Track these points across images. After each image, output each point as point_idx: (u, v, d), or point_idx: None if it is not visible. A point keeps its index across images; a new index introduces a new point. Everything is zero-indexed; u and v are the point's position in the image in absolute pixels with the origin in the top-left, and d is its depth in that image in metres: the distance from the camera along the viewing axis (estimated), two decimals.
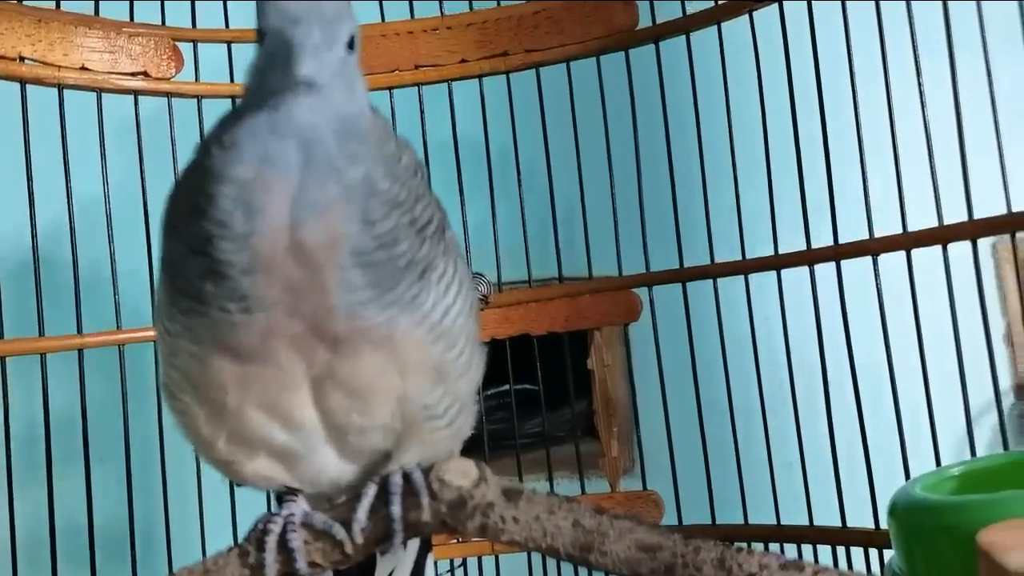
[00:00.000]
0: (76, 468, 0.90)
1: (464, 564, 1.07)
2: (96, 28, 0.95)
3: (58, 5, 0.95)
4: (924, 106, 0.89)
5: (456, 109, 1.07)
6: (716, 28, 1.00)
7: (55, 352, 0.90)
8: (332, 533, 0.53)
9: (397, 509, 0.53)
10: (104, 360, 0.93)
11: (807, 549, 0.95)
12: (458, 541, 1.01)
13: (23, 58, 0.90)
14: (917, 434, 0.88)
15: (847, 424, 0.93)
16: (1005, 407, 0.98)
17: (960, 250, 0.87)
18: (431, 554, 0.69)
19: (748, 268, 0.99)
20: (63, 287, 0.92)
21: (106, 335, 0.93)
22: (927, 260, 0.89)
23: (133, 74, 0.96)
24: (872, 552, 0.91)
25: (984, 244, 0.87)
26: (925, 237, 0.89)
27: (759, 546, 0.73)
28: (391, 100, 1.06)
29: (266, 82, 0.46)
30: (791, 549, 0.96)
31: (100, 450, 0.90)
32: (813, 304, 0.94)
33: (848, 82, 0.92)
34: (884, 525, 0.83)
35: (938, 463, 0.86)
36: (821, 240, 0.95)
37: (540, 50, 1.06)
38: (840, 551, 0.93)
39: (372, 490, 0.54)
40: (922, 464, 0.82)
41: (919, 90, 0.89)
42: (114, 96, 0.96)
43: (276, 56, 0.46)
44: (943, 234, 0.88)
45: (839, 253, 0.94)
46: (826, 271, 0.94)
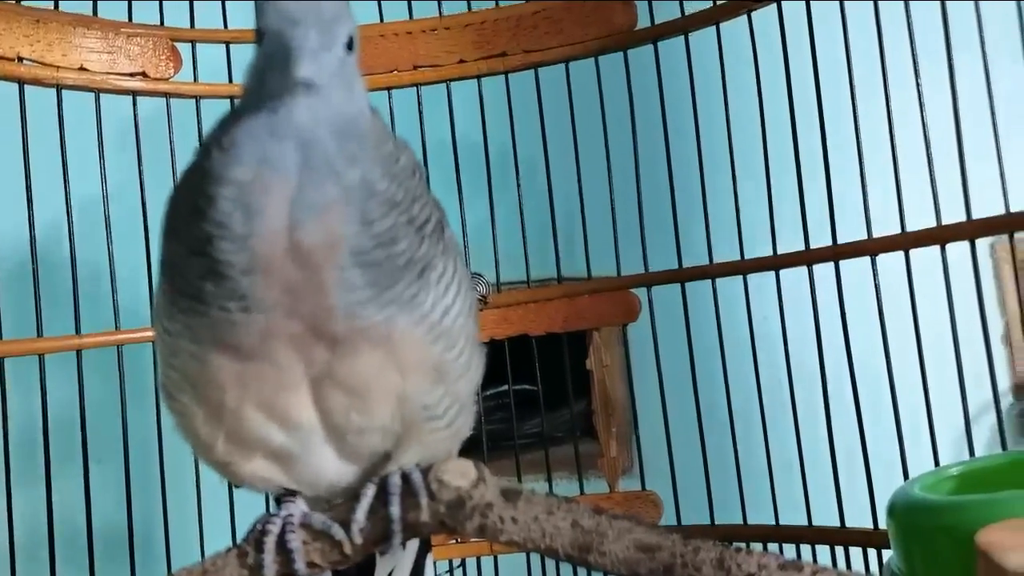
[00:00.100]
0: (75, 469, 0.90)
1: (463, 564, 1.07)
2: (94, 28, 0.95)
3: (56, 5, 0.94)
4: (922, 106, 0.89)
5: (455, 109, 1.07)
6: (715, 28, 1.00)
7: (53, 353, 0.90)
8: (331, 534, 0.53)
9: (396, 510, 0.53)
10: (102, 361, 0.93)
11: (806, 549, 0.95)
12: (457, 541, 1.01)
13: (21, 58, 0.90)
14: (916, 434, 0.88)
15: (846, 424, 0.93)
16: (1003, 407, 0.98)
17: (958, 250, 0.87)
18: (431, 554, 0.69)
19: (747, 268, 0.99)
20: (61, 288, 0.92)
21: (105, 336, 0.93)
22: (925, 260, 0.89)
23: (132, 74, 0.96)
24: (871, 552, 0.91)
25: (982, 244, 0.87)
26: (923, 237, 0.89)
27: (758, 546, 0.73)
28: (389, 100, 1.06)
29: (265, 83, 0.46)
30: (790, 549, 0.96)
31: (99, 451, 0.90)
32: (812, 304, 0.94)
33: (847, 82, 0.92)
34: (883, 525, 0.84)
35: (937, 463, 0.86)
36: (820, 240, 0.95)
37: (539, 50, 1.06)
38: (839, 551, 0.93)
39: (371, 491, 0.54)
40: (921, 464, 0.82)
41: (917, 90, 0.89)
42: (112, 96, 0.96)
43: (275, 57, 0.46)
44: (941, 234, 0.88)
45: (838, 253, 0.94)
46: (825, 271, 0.94)
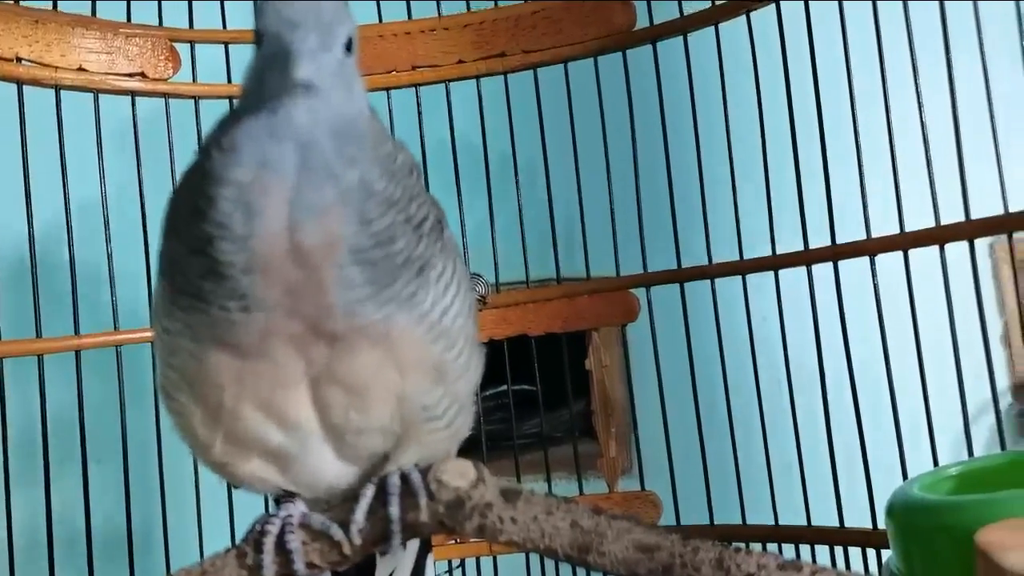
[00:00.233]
0: (74, 469, 0.90)
1: (462, 565, 1.07)
2: (93, 29, 0.95)
3: (55, 6, 0.94)
4: (921, 106, 0.89)
5: (454, 110, 1.07)
6: (714, 29, 1.00)
7: (52, 353, 0.90)
8: (330, 534, 0.53)
9: (395, 510, 0.53)
10: (101, 361, 0.93)
11: (805, 549, 0.95)
12: (456, 542, 1.01)
13: (20, 59, 0.90)
14: (915, 434, 0.88)
15: (845, 424, 0.93)
16: (1002, 407, 0.98)
17: (957, 250, 0.87)
18: (431, 555, 0.69)
19: (746, 268, 0.99)
20: (60, 288, 0.92)
21: (103, 336, 0.93)
22: (924, 260, 0.89)
23: (130, 75, 0.96)
24: (870, 552, 0.91)
25: (981, 244, 0.88)
26: (922, 237, 0.89)
27: (757, 546, 0.73)
28: (388, 101, 1.05)
29: (264, 84, 0.46)
30: (789, 549, 0.96)
31: (98, 451, 0.90)
32: (811, 304, 0.94)
33: (846, 83, 0.92)
34: (882, 525, 0.84)
35: (936, 463, 0.86)
36: (818, 240, 0.95)
37: (538, 51, 1.06)
38: (838, 551, 0.93)
39: (370, 491, 0.54)
40: (920, 464, 0.82)
41: (916, 90, 0.89)
42: (111, 97, 0.96)
43: (274, 59, 0.46)
44: (940, 234, 0.88)
45: (836, 253, 0.94)
46: (824, 271, 0.94)
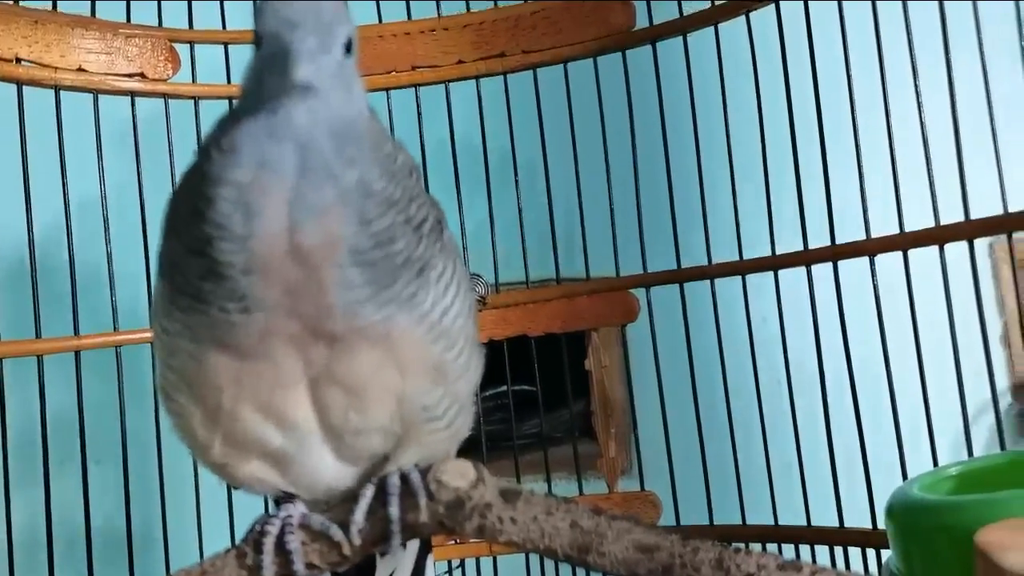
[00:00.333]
0: (73, 470, 0.90)
1: (462, 565, 1.07)
2: (93, 29, 0.95)
3: (55, 6, 0.94)
4: (921, 106, 0.89)
5: (453, 110, 1.07)
6: (713, 29, 1.00)
7: (52, 354, 0.90)
8: (330, 534, 0.53)
9: (395, 510, 0.53)
10: (101, 362, 0.93)
11: (805, 549, 0.95)
12: (456, 542, 1.01)
13: (19, 59, 0.90)
14: (914, 434, 0.88)
15: (844, 424, 0.93)
16: (1002, 407, 0.98)
17: (957, 250, 0.87)
18: (431, 555, 0.69)
19: (745, 268, 0.99)
20: (60, 289, 0.92)
21: (103, 337, 0.93)
22: (924, 260, 0.89)
23: (130, 75, 0.96)
24: (870, 552, 0.91)
25: (981, 244, 0.88)
26: (922, 237, 0.89)
27: (757, 546, 0.73)
28: (388, 101, 1.06)
29: (263, 85, 0.46)
30: (789, 549, 0.96)
31: (97, 452, 0.90)
32: (810, 304, 0.94)
33: (845, 83, 0.92)
34: (881, 525, 0.84)
35: (935, 463, 0.86)
36: (818, 240, 0.95)
37: (537, 51, 1.06)
38: (838, 551, 0.93)
39: (370, 491, 0.54)
40: (919, 464, 0.82)
41: (916, 90, 0.89)
42: (111, 97, 0.96)
43: (273, 59, 0.46)
44: (940, 234, 0.88)
45: (836, 253, 0.94)
46: (823, 271, 0.94)
